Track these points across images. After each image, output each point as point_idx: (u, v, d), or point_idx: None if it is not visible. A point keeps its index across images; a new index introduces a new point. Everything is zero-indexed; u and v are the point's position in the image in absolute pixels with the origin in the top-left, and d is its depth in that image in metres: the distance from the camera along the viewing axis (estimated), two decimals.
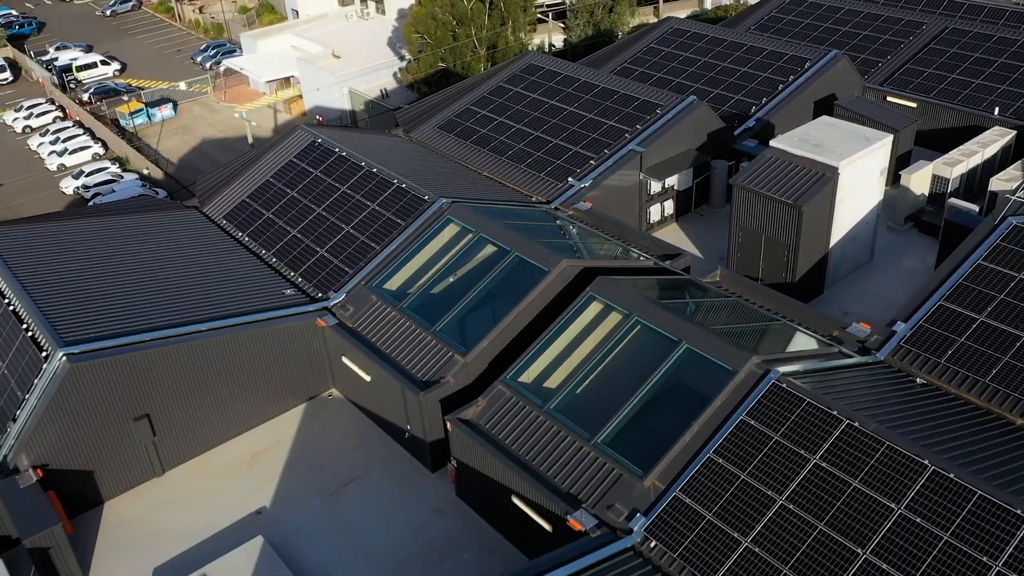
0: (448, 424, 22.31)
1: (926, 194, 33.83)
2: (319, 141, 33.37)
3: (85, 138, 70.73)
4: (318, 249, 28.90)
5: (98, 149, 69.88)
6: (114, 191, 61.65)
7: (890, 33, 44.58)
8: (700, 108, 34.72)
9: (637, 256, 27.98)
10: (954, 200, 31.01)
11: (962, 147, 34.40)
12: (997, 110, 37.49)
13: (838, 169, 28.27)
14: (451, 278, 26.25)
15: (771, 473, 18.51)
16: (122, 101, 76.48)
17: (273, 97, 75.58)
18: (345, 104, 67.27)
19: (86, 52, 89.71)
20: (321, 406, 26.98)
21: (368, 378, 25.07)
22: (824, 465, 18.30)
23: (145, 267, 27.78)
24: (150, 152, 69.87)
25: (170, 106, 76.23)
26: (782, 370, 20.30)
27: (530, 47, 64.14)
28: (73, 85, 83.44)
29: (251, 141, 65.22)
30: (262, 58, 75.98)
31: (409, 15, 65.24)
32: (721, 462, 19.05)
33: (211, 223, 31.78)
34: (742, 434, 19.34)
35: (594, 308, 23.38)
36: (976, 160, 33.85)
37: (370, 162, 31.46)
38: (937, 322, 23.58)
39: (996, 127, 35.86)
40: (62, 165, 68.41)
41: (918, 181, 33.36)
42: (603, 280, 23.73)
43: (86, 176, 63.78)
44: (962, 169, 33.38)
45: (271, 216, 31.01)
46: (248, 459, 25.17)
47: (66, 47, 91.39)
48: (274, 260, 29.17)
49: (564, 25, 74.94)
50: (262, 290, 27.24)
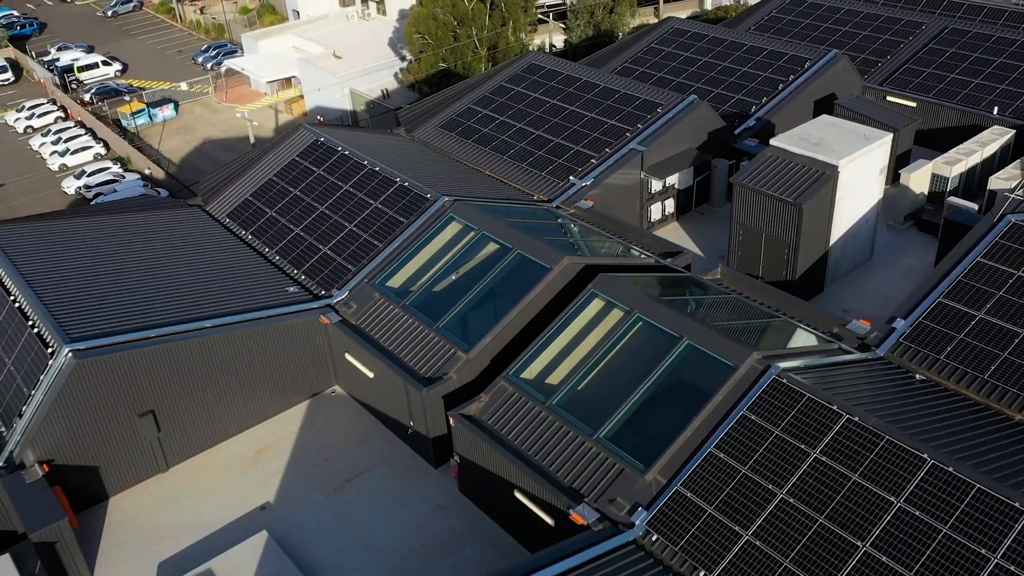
0: (451, 420, 22.46)
1: (926, 193, 34.00)
2: (322, 140, 33.54)
3: (87, 138, 70.98)
4: (321, 247, 29.07)
5: (100, 149, 70.11)
6: (116, 191, 61.86)
7: (890, 33, 44.76)
8: (701, 107, 34.89)
9: (638, 254, 28.15)
10: (953, 199, 31.17)
11: (961, 146, 34.56)
12: (996, 109, 37.66)
13: (838, 168, 28.43)
14: (453, 276, 26.42)
15: (772, 467, 18.68)
16: (124, 101, 76.72)
17: (274, 97, 75.83)
18: (346, 104, 67.47)
19: (87, 53, 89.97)
20: (324, 403, 27.14)
21: (371, 375, 25.23)
22: (824, 459, 18.46)
23: (149, 265, 27.95)
24: (151, 152, 70.09)
25: (171, 106, 76.49)
26: (783, 366, 20.47)
27: (531, 47, 64.30)
28: (75, 85, 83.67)
29: (253, 141, 65.39)
30: (263, 58, 76.22)
31: (410, 15, 65.47)
32: (722, 457, 19.21)
33: (214, 221, 31.94)
34: (743, 429, 19.50)
35: (596, 305, 23.55)
36: (975, 159, 34.02)
37: (372, 160, 31.64)
38: (936, 319, 23.75)
39: (995, 126, 36.00)
40: (64, 165, 68.66)
41: (918, 180, 33.53)
42: (605, 277, 23.90)
43: (88, 176, 64.03)
44: (961, 168, 33.55)
45: (274, 214, 31.18)
46: (252, 455, 25.32)
47: (67, 48, 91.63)
48: (277, 258, 29.34)
49: (565, 26, 75.15)
50: (266, 288, 27.41)
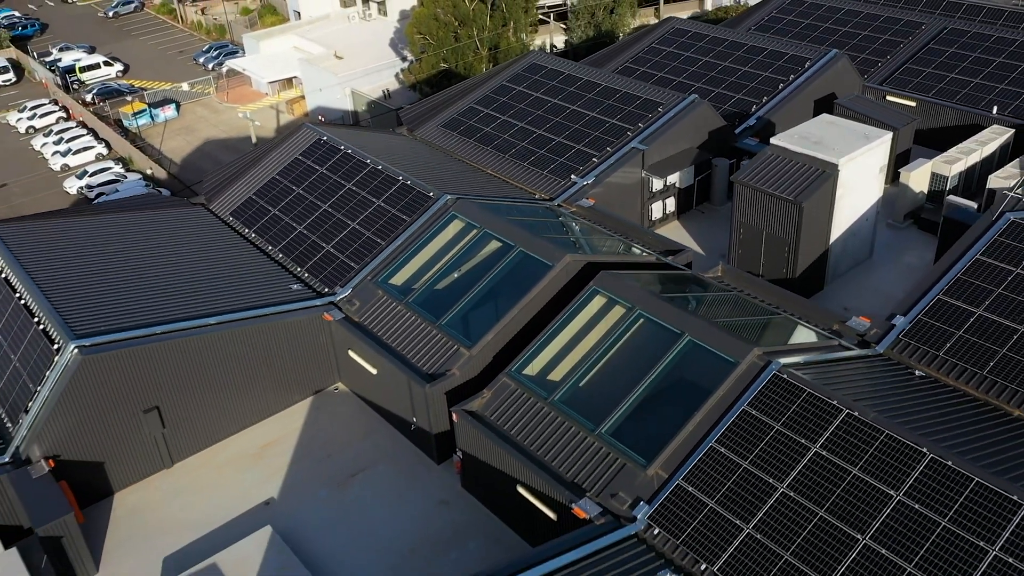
0: (454, 416, 22.63)
1: (925, 192, 34.17)
2: (324, 139, 33.72)
3: (88, 138, 71.16)
4: (324, 245, 29.24)
5: (101, 149, 70.28)
6: (118, 191, 62.06)
7: (889, 33, 44.94)
8: (701, 107, 35.07)
9: (639, 252, 28.32)
10: (953, 197, 31.33)
11: (961, 145, 34.74)
12: (995, 109, 37.83)
13: (838, 166, 28.61)
14: (456, 273, 26.58)
15: (772, 462, 18.84)
16: (125, 102, 76.90)
17: (275, 98, 76.07)
18: (347, 105, 67.67)
19: (89, 53, 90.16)
20: (327, 399, 27.31)
21: (374, 371, 25.40)
22: (824, 453, 18.63)
23: (153, 262, 28.12)
24: (153, 152, 70.26)
25: (173, 107, 76.67)
26: (783, 361, 20.64)
27: (531, 48, 64.50)
28: (76, 86, 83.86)
29: (255, 141, 65.57)
30: (265, 59, 76.43)
31: (411, 16, 65.69)
32: (723, 451, 19.38)
33: (218, 220, 32.11)
34: (744, 424, 19.67)
35: (598, 302, 23.71)
36: (975, 158, 34.19)
37: (375, 159, 31.81)
38: (936, 316, 23.92)
39: (994, 125, 36.17)
40: (66, 165, 68.82)
41: (917, 179, 33.70)
42: (606, 274, 24.06)
43: (90, 176, 64.19)
44: (961, 167, 33.72)
45: (277, 213, 31.35)
46: (256, 451, 25.48)
47: (69, 48, 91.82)
48: (281, 256, 29.51)
49: (565, 26, 75.37)
50: (269, 285, 27.58)
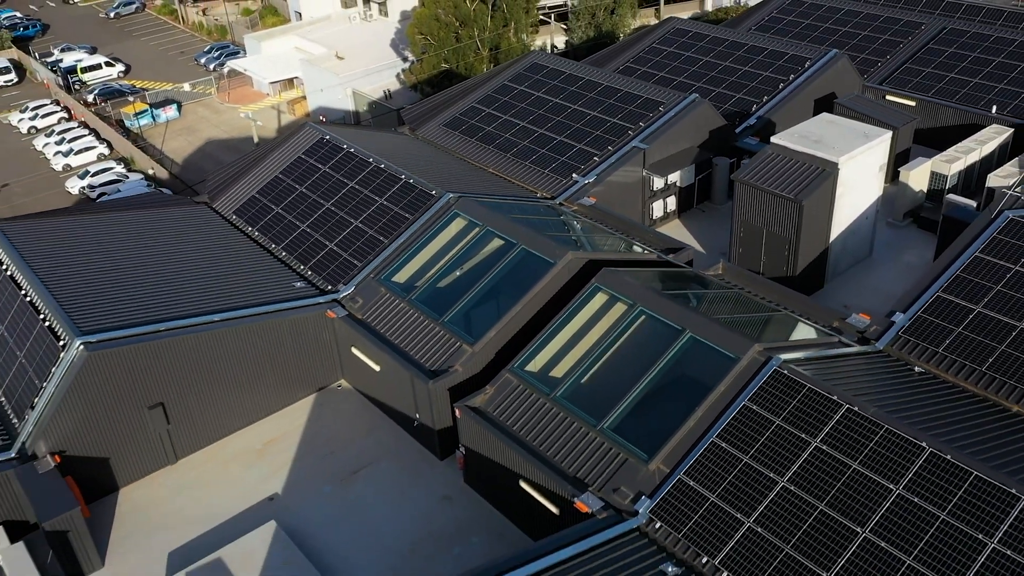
0: (457, 411, 22.79)
1: (925, 190, 34.34)
2: (327, 138, 33.90)
3: (90, 138, 71.36)
4: (327, 243, 29.42)
5: (103, 149, 70.49)
6: (119, 191, 62.26)
7: (889, 33, 45.14)
8: (702, 106, 35.24)
9: (641, 250, 28.47)
10: (952, 196, 31.49)
11: (960, 144, 34.91)
12: (995, 108, 38.01)
13: (838, 165, 28.79)
14: (458, 271, 26.75)
15: (773, 456, 19.01)
16: (127, 102, 77.11)
17: (277, 98, 76.31)
18: (348, 105, 67.88)
19: (90, 54, 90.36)
20: (331, 396, 27.46)
21: (377, 368, 25.57)
22: (824, 448, 18.79)
23: (158, 260, 28.30)
24: (155, 152, 70.46)
25: (174, 107, 76.88)
26: (783, 357, 20.81)
27: (532, 49, 64.69)
28: (78, 86, 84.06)
29: (257, 140, 65.78)
30: (266, 59, 76.64)
31: (412, 16, 65.89)
32: (724, 446, 19.54)
33: (221, 218, 32.29)
34: (745, 419, 19.83)
35: (599, 299, 23.87)
36: (974, 157, 34.36)
37: (378, 158, 31.99)
38: (935, 313, 24.09)
39: (994, 125, 36.36)
40: (67, 165, 69.04)
41: (917, 178, 33.88)
42: (608, 271, 24.23)
43: (92, 176, 64.39)
44: (960, 166, 33.89)
45: (280, 211, 31.53)
46: (260, 447, 25.65)
47: (70, 49, 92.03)
48: (284, 254, 29.68)
49: (566, 27, 75.58)
50: (273, 283, 27.74)
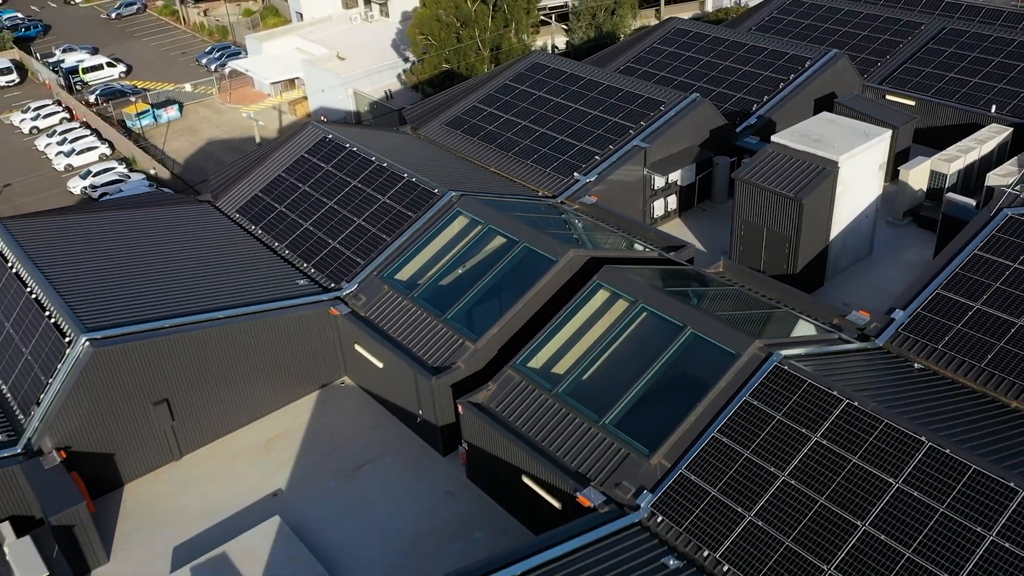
0: (459, 407, 22.95)
1: (924, 189, 34.52)
2: (330, 137, 34.08)
3: (92, 139, 71.51)
4: (330, 241, 29.59)
5: (105, 150, 70.64)
6: (121, 191, 62.44)
7: (889, 33, 45.32)
8: (703, 105, 35.42)
9: (642, 248, 28.64)
10: (952, 195, 31.66)
11: (959, 143, 35.09)
12: (994, 108, 38.20)
13: (838, 163, 28.96)
14: (460, 269, 26.91)
15: (773, 451, 19.17)
16: (128, 102, 77.27)
17: (278, 98, 76.44)
18: (350, 105, 68.04)
19: (92, 54, 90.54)
20: (334, 393, 27.63)
21: (380, 365, 25.73)
22: (825, 443, 18.96)
23: (161, 258, 28.47)
24: (156, 152, 70.62)
25: (176, 107, 77.03)
26: (784, 353, 20.97)
27: (533, 49, 64.90)
28: (79, 87, 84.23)
29: (259, 140, 65.96)
30: (267, 60, 76.79)
31: (413, 17, 66.08)
32: (725, 441, 19.71)
33: (225, 217, 32.46)
34: (745, 414, 20.00)
35: (601, 296, 24.04)
36: (973, 156, 34.54)
37: (380, 157, 32.16)
38: (935, 310, 24.26)
39: (993, 124, 36.54)
40: (69, 165, 69.18)
41: (916, 177, 34.05)
42: (610, 269, 24.40)
43: (93, 176, 64.53)
44: (959, 165, 34.06)
45: (283, 210, 31.70)
46: (263, 444, 25.81)
47: (72, 49, 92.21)
48: (287, 252, 29.85)
49: (566, 27, 75.79)
50: (276, 280, 27.91)
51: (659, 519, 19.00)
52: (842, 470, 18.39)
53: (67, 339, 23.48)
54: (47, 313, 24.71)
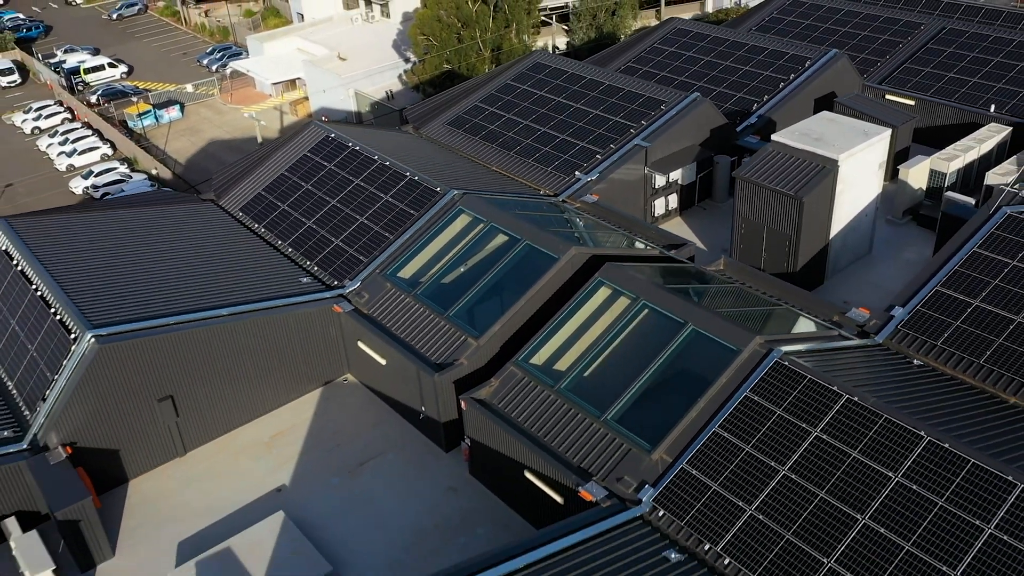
0: (462, 403, 23.10)
1: (924, 188, 34.68)
2: (332, 136, 34.25)
3: (94, 139, 71.71)
4: (333, 239, 29.75)
5: (107, 150, 70.83)
6: (123, 191, 62.64)
7: (889, 33, 45.51)
8: (703, 104, 35.59)
9: (643, 246, 28.80)
10: (951, 194, 31.83)
11: (959, 143, 35.25)
12: (993, 107, 38.37)
13: (838, 162, 29.13)
14: (462, 267, 27.06)
15: (774, 445, 19.34)
16: (130, 103, 77.48)
17: (279, 99, 76.65)
18: (351, 105, 68.24)
19: (93, 55, 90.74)
20: (337, 390, 27.79)
21: (383, 362, 25.89)
22: (825, 437, 19.12)
23: (165, 256, 28.63)
24: (158, 152, 70.81)
25: (177, 108, 77.22)
26: (784, 349, 21.13)
27: (533, 49, 65.08)
28: (81, 87, 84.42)
29: (260, 140, 66.15)
30: (268, 60, 77.02)
31: (414, 18, 66.28)
32: (726, 436, 19.87)
33: (228, 215, 32.62)
34: (746, 409, 20.16)
35: (603, 293, 24.19)
36: (972, 155, 34.70)
37: (383, 156, 32.33)
38: (934, 307, 24.42)
39: (992, 124, 36.71)
40: (71, 165, 69.39)
41: (916, 175, 34.21)
42: (611, 266, 24.56)
43: (95, 176, 64.74)
44: (959, 164, 34.23)
45: (287, 208, 31.87)
46: (267, 440, 25.96)
47: (73, 50, 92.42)
48: (290, 250, 30.01)
49: (567, 28, 75.98)
50: (280, 278, 28.08)
51: (661, 513, 19.16)
52: (842, 464, 18.56)
53: (72, 336, 23.65)
54: (52, 310, 24.88)
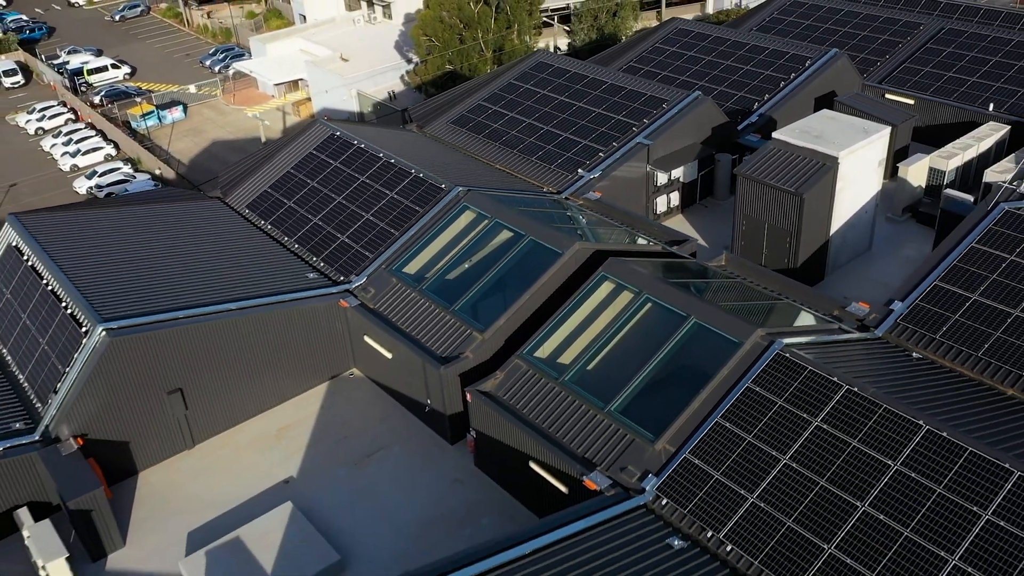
0: (468, 396, 23.43)
1: (923, 186, 35.01)
2: (338, 134, 34.61)
3: (97, 139, 72.05)
4: (339, 235, 30.10)
5: (110, 150, 71.17)
6: (127, 191, 62.92)
7: (888, 33, 45.86)
8: (705, 103, 35.94)
9: (645, 242, 29.14)
10: (950, 191, 32.16)
11: (958, 141, 35.59)
12: (992, 106, 38.71)
13: (838, 159, 29.47)
14: (467, 263, 27.38)
15: (775, 435, 19.66)
16: (133, 103, 77.82)
17: (282, 99, 76.97)
18: (353, 106, 68.56)
19: (96, 56, 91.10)
20: (343, 384, 28.12)
21: (389, 355, 26.22)
22: (825, 427, 19.45)
23: (173, 252, 28.98)
24: (161, 153, 71.14)
25: (180, 108, 77.55)
26: (786, 342, 21.45)
27: (535, 50, 65.41)
28: (84, 88, 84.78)
29: (264, 140, 66.52)
30: (271, 61, 77.36)
31: (416, 18, 66.63)
32: (728, 426, 20.20)
33: (235, 212, 32.97)
34: (748, 400, 20.49)
35: (606, 287, 24.52)
36: (971, 153, 35.04)
37: (388, 153, 32.68)
38: (933, 301, 24.75)
39: (991, 122, 37.06)
40: (75, 166, 69.70)
41: (915, 173, 34.56)
42: (615, 261, 24.88)
43: (99, 176, 65.05)
44: (958, 162, 34.56)
45: (293, 205, 32.21)
46: (275, 433, 26.29)
47: (77, 51, 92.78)
48: (297, 246, 30.36)
49: (568, 29, 76.34)
50: (287, 274, 28.43)
51: (664, 502, 19.48)
52: (842, 453, 18.88)
53: (84, 329, 23.99)
54: (63, 304, 25.22)
